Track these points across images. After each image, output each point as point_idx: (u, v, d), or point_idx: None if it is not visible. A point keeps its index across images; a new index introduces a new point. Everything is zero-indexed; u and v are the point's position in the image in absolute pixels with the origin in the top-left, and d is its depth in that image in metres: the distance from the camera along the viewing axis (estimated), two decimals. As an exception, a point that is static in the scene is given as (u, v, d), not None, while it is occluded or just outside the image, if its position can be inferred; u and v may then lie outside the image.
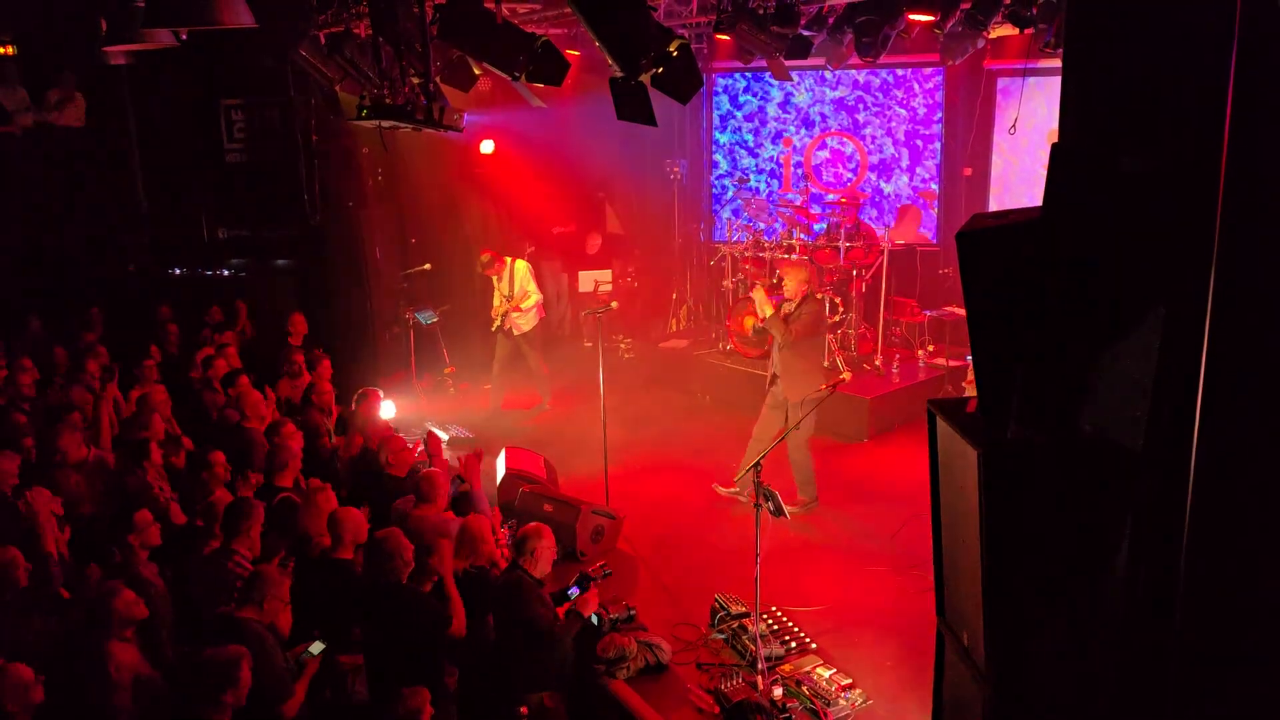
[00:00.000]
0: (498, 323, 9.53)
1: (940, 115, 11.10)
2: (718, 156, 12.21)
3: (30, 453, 5.90)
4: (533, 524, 5.00)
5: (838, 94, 11.44)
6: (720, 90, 12.01)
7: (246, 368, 8.03)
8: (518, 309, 9.42)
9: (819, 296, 7.36)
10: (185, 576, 4.97)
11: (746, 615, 5.59)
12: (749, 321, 9.84)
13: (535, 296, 9.49)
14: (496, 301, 9.54)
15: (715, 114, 12.07)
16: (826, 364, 9.35)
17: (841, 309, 9.59)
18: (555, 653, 4.78)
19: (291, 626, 4.53)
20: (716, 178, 12.21)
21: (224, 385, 7.41)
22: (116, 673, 3.97)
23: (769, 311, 7.17)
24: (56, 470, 5.72)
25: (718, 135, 12.13)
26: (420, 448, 6.68)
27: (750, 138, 11.97)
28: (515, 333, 9.49)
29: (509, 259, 9.52)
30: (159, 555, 4.95)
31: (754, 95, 11.83)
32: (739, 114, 11.95)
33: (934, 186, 11.27)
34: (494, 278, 9.52)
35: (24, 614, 4.39)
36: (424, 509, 5.52)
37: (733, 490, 7.50)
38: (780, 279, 7.59)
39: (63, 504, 5.30)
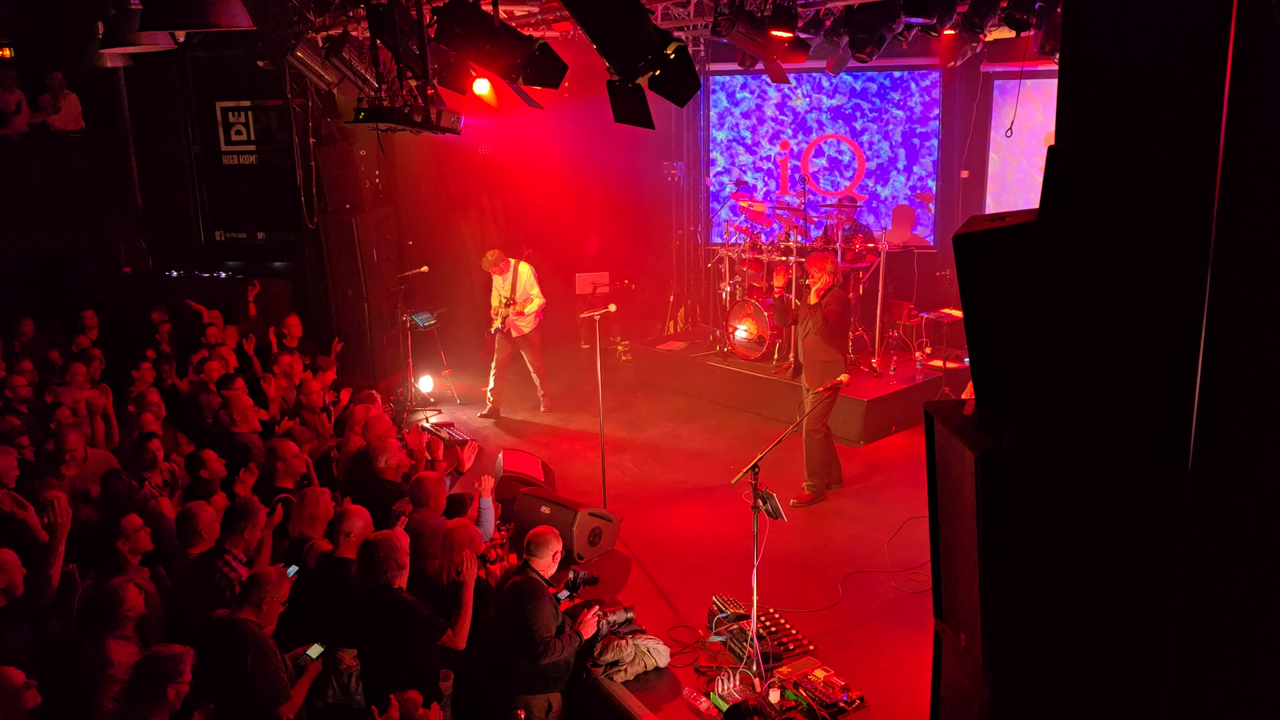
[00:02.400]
0: (497, 324, 9.44)
1: (937, 112, 11.11)
2: (715, 154, 12.22)
3: (26, 453, 5.89)
4: (545, 527, 5.00)
5: (834, 102, 11.45)
6: (717, 87, 12.02)
7: (244, 369, 8.03)
8: (520, 313, 9.33)
9: (843, 285, 7.48)
10: (175, 579, 4.95)
11: (744, 617, 5.59)
12: (749, 324, 9.86)
13: (539, 301, 9.38)
14: (495, 302, 9.44)
15: (713, 111, 12.08)
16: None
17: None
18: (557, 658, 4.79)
19: (295, 625, 4.53)
20: (715, 175, 12.22)
21: (217, 388, 7.40)
22: (115, 671, 3.96)
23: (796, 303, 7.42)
24: (52, 474, 5.71)
25: (715, 133, 12.13)
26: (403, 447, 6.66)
27: (748, 134, 11.98)
28: (514, 334, 9.44)
29: (513, 260, 9.44)
30: (152, 557, 4.94)
31: (751, 93, 11.84)
32: (736, 111, 11.96)
33: (930, 184, 11.29)
34: (496, 277, 9.43)
35: (18, 618, 4.38)
36: (422, 513, 5.51)
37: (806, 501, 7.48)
38: (806, 272, 7.76)
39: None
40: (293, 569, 4.77)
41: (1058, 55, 6.90)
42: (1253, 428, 2.31)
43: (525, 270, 9.41)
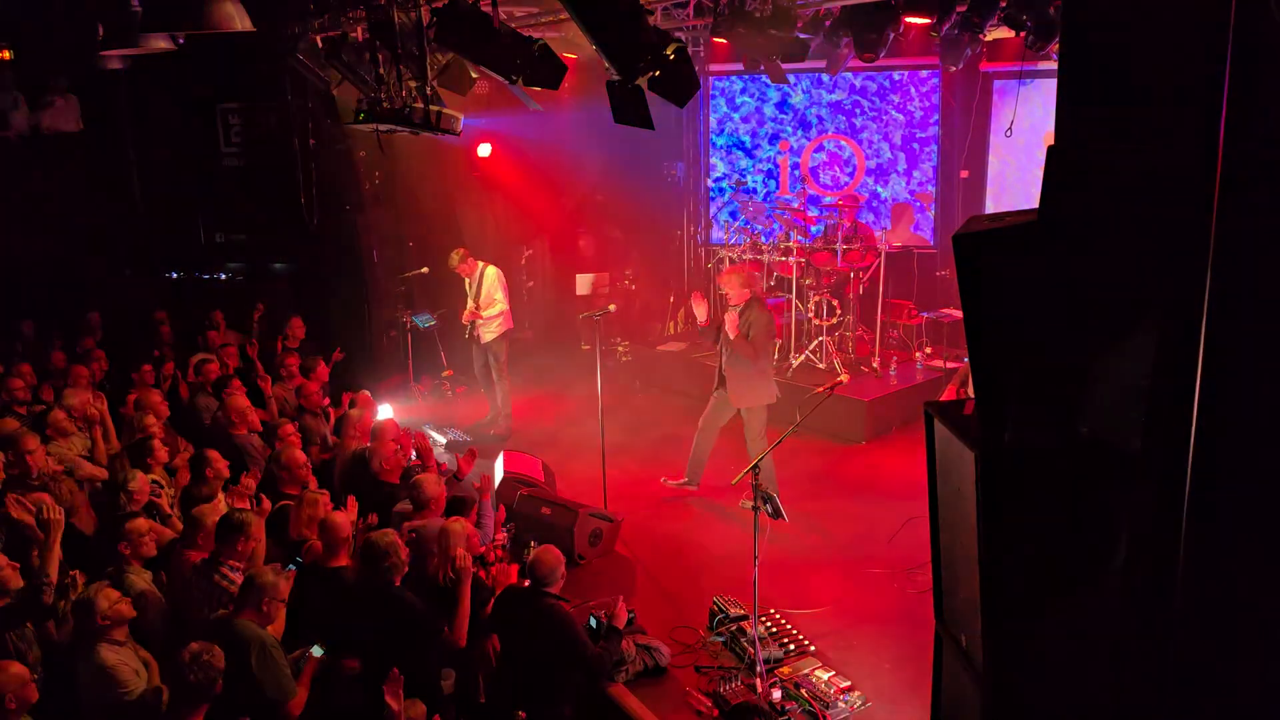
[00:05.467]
0: (469, 330, 9.25)
1: (937, 118, 11.12)
2: (715, 159, 12.22)
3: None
4: (546, 548, 4.87)
5: (834, 97, 11.46)
6: (717, 92, 12.03)
7: (245, 372, 8.02)
8: (480, 316, 9.09)
9: (761, 298, 7.26)
10: (174, 584, 4.93)
11: (745, 618, 5.59)
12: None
13: (500, 305, 9.09)
14: (469, 304, 9.24)
15: (712, 116, 12.09)
16: (823, 365, 9.37)
17: (839, 311, 9.60)
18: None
19: (288, 633, 4.52)
20: (714, 180, 12.23)
21: (216, 390, 7.40)
22: (115, 677, 3.96)
23: (735, 334, 7.08)
24: (51, 478, 5.69)
25: (714, 138, 12.15)
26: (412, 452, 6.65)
27: (747, 139, 11.98)
28: (481, 341, 9.20)
29: (481, 263, 9.19)
30: (154, 561, 4.93)
31: (751, 96, 11.85)
32: (736, 115, 11.97)
33: (930, 189, 11.29)
34: (466, 280, 9.20)
35: (18, 620, 4.37)
36: (423, 515, 5.51)
37: (680, 482, 7.70)
38: (721, 288, 7.42)
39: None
40: (292, 564, 4.76)
41: (1055, 54, 6.91)
42: (1253, 427, 2.31)
43: (490, 274, 9.14)
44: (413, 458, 6.60)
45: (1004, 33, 7.85)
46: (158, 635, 4.52)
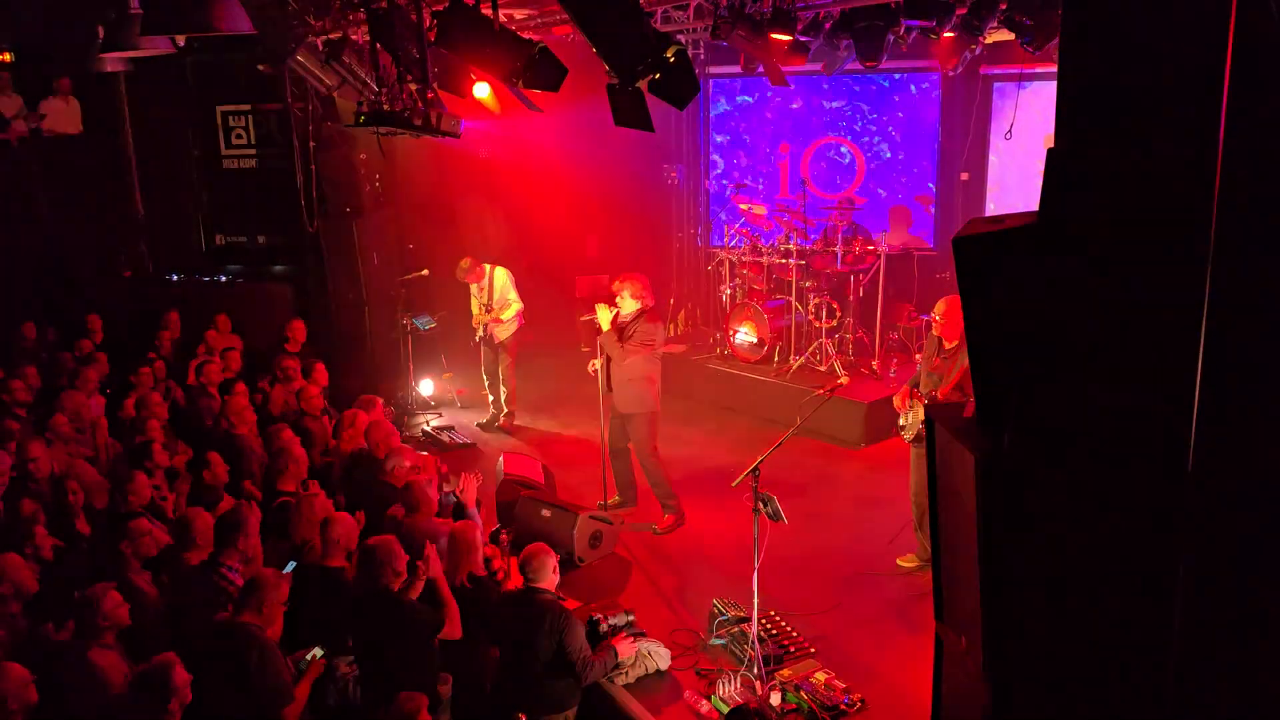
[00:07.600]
0: (480, 333, 9.30)
1: (937, 120, 11.13)
2: (715, 157, 12.23)
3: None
4: (536, 545, 4.82)
5: (835, 104, 11.47)
6: (717, 91, 12.04)
7: (248, 374, 8.04)
8: (498, 320, 9.17)
9: (652, 309, 7.11)
10: (174, 585, 4.94)
11: (745, 620, 5.58)
12: (749, 326, 9.85)
13: (516, 305, 9.20)
14: (475, 310, 9.28)
15: (712, 114, 12.11)
16: (823, 367, 9.36)
17: (839, 313, 9.61)
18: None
19: (286, 633, 4.52)
20: (715, 178, 12.24)
21: (220, 392, 7.41)
22: (100, 681, 3.96)
23: (607, 327, 7.00)
24: (52, 482, 5.70)
25: (715, 136, 12.16)
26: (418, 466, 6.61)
27: (747, 137, 12.00)
28: (495, 340, 9.28)
29: (488, 266, 9.24)
30: (153, 563, 4.93)
31: (751, 95, 11.87)
32: (736, 114, 11.99)
33: (930, 186, 11.30)
34: (473, 285, 9.23)
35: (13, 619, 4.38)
36: (415, 518, 5.50)
37: (667, 527, 7.17)
38: (618, 293, 7.23)
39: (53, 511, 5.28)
40: (291, 564, 4.76)
41: (1055, 55, 6.89)
42: (1252, 428, 2.31)
43: (501, 275, 9.20)
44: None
45: (1003, 35, 7.85)
46: (155, 637, 4.52)
